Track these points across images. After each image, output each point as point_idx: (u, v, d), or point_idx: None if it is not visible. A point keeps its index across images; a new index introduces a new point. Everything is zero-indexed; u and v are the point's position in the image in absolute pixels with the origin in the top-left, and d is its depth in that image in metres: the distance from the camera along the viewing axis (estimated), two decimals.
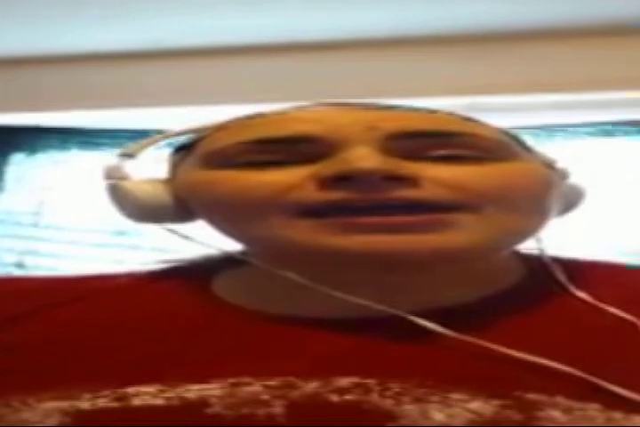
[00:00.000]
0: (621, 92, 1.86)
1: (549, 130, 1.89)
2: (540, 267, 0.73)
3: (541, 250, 0.74)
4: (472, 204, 0.63)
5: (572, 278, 0.71)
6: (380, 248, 0.61)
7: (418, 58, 1.99)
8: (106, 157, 2.09)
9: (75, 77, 2.20)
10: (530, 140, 0.76)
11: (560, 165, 0.76)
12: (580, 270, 0.73)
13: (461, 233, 0.63)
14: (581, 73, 1.87)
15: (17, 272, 2.19)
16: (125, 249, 2.14)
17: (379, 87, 1.95)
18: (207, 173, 0.67)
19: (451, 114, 0.70)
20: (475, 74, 1.93)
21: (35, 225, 2.22)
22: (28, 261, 2.20)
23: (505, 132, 0.71)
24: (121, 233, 2.15)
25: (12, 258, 2.22)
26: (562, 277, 0.71)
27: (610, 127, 1.89)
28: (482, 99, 1.91)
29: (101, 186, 0.72)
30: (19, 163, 2.27)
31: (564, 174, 0.75)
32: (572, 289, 0.69)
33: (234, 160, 0.66)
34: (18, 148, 2.27)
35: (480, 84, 1.92)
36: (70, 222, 2.20)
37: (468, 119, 0.70)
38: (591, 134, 1.91)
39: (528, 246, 0.73)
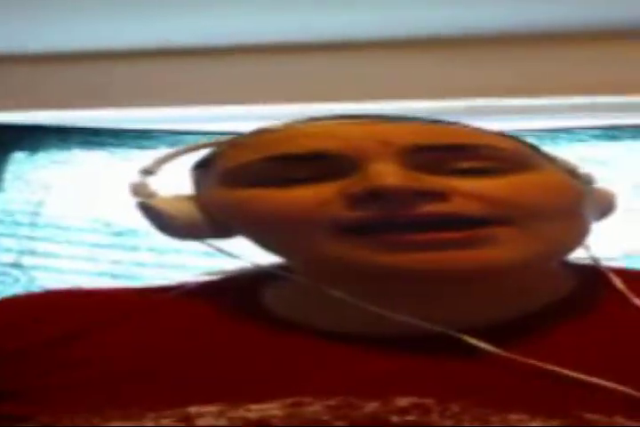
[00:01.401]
0: (627, 95, 1.85)
1: (553, 133, 1.88)
2: (592, 276, 0.72)
3: (594, 258, 0.73)
4: (505, 216, 0.63)
5: (629, 288, 0.70)
6: (429, 265, 0.62)
7: (419, 60, 2.00)
8: (107, 157, 2.07)
9: (77, 76, 2.20)
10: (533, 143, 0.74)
11: (582, 170, 0.74)
12: (635, 279, 0.72)
13: (504, 247, 0.63)
14: (585, 76, 1.86)
15: (14, 272, 2.17)
16: (123, 250, 2.12)
17: (377, 89, 1.95)
18: (235, 193, 0.68)
19: (463, 125, 0.70)
20: (476, 76, 1.93)
21: (33, 225, 2.20)
22: (26, 260, 2.18)
23: (521, 141, 0.70)
24: (118, 234, 2.13)
25: (10, 258, 2.19)
26: (620, 285, 0.70)
27: (615, 131, 1.87)
28: (483, 101, 1.90)
29: (130, 205, 0.74)
30: (19, 162, 2.25)
31: (589, 180, 0.74)
32: (632, 298, 0.68)
33: (254, 177, 0.67)
34: (18, 147, 2.25)
35: (481, 87, 1.91)
36: (69, 222, 2.17)
37: (483, 130, 0.69)
38: (596, 138, 1.89)
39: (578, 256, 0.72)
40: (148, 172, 0.74)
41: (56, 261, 2.15)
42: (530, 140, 0.74)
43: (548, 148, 1.82)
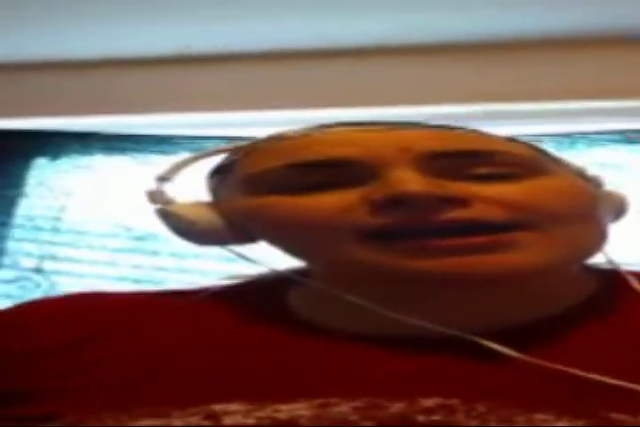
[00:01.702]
0: None
1: (572, 138, 1.87)
2: (612, 280, 0.73)
3: (612, 262, 0.74)
4: (526, 221, 0.64)
5: None
6: (456, 270, 0.62)
7: (434, 66, 2.00)
8: (129, 162, 2.08)
9: (99, 82, 2.22)
10: (552, 147, 0.74)
11: (591, 173, 0.75)
12: None
13: (527, 252, 0.63)
14: (603, 80, 1.85)
15: (36, 277, 2.19)
16: (144, 254, 2.13)
17: (391, 95, 1.96)
18: (256, 200, 0.69)
19: (475, 131, 0.71)
20: (492, 81, 1.92)
21: (54, 230, 2.22)
22: (47, 266, 2.19)
23: (531, 146, 0.71)
24: (139, 238, 2.14)
25: (31, 263, 2.21)
26: (637, 285, 0.70)
27: (633, 135, 1.87)
28: (500, 106, 1.90)
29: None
30: (41, 167, 2.27)
31: (598, 182, 0.75)
32: None
33: (274, 184, 0.68)
34: (41, 152, 2.27)
35: (498, 92, 1.91)
36: (90, 227, 2.19)
37: (494, 136, 0.71)
38: (615, 142, 1.89)
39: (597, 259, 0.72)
40: (164, 178, 0.75)
41: (77, 266, 2.16)
42: (548, 144, 0.75)
43: (567, 152, 1.82)
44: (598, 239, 0.69)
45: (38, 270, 2.19)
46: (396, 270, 0.64)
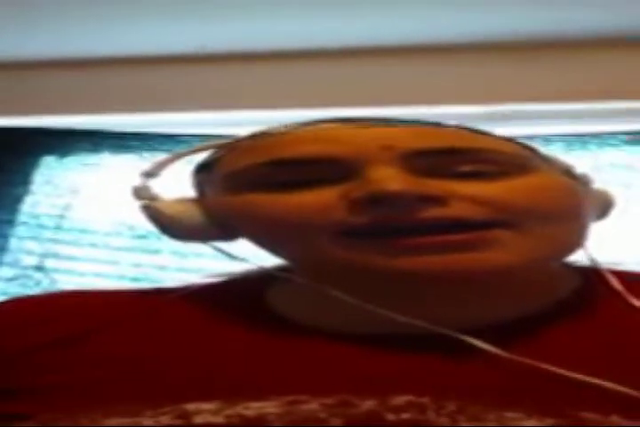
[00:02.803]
0: None
1: (583, 138, 1.85)
2: (593, 278, 0.72)
3: (593, 260, 0.74)
4: (506, 220, 0.64)
5: (627, 289, 0.70)
6: (433, 268, 0.63)
7: (440, 66, 2.00)
8: (137, 161, 2.07)
9: (109, 81, 2.23)
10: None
11: (579, 171, 0.75)
12: (635, 281, 0.72)
13: (506, 249, 0.63)
14: (614, 81, 1.85)
15: (36, 275, 2.17)
16: (145, 253, 2.12)
17: (402, 94, 1.95)
18: (238, 197, 0.69)
19: (462, 128, 0.71)
20: (502, 82, 1.93)
21: (58, 228, 2.21)
22: (48, 263, 2.18)
23: (519, 144, 0.71)
24: (141, 236, 2.13)
25: (33, 260, 2.19)
26: (618, 286, 0.70)
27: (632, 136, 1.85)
28: (510, 107, 1.90)
29: (135, 206, 0.75)
30: (49, 165, 2.27)
31: (586, 181, 0.74)
32: (630, 299, 0.68)
33: (256, 181, 0.68)
34: (48, 151, 2.27)
35: (508, 92, 1.91)
36: (93, 225, 2.18)
37: (482, 133, 0.70)
38: (627, 143, 1.86)
39: (577, 257, 0.72)
40: (149, 174, 0.75)
41: (78, 265, 2.15)
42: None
43: (578, 153, 1.80)
44: (579, 237, 0.69)
45: (39, 268, 2.18)
46: (370, 268, 0.64)
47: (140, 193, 0.75)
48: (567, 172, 0.73)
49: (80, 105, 2.23)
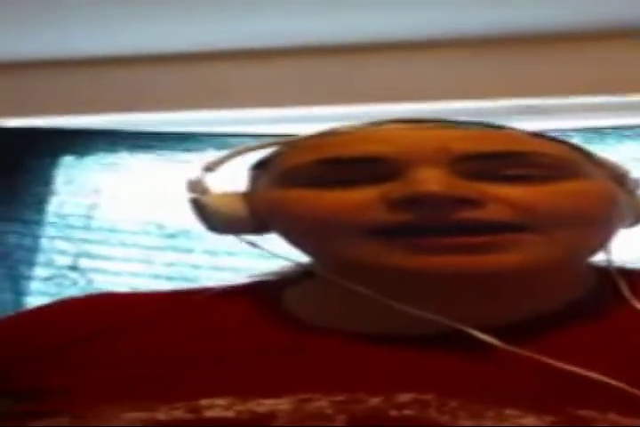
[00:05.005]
0: None
1: (601, 132, 1.85)
2: (609, 277, 0.74)
3: (609, 261, 0.75)
4: (536, 224, 0.65)
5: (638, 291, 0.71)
6: (441, 268, 0.64)
7: (462, 60, 1.97)
8: (155, 160, 2.07)
9: (125, 80, 2.21)
10: (581, 142, 0.74)
11: (631, 175, 0.75)
12: None
13: (521, 251, 0.65)
14: (633, 74, 1.83)
15: (72, 275, 2.21)
16: (177, 252, 2.15)
17: (438, 90, 1.94)
18: (281, 192, 0.71)
19: (518, 131, 0.72)
20: (520, 76, 1.91)
21: (87, 228, 2.23)
22: (82, 263, 2.21)
23: (573, 146, 0.72)
24: (172, 236, 2.15)
25: (67, 260, 2.23)
26: (625, 289, 0.71)
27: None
28: (528, 101, 1.89)
29: (185, 200, 0.77)
30: (68, 166, 2.27)
31: (635, 185, 0.75)
32: (635, 302, 0.70)
33: (305, 178, 0.69)
34: (68, 151, 2.27)
35: (526, 87, 1.89)
36: (121, 225, 2.20)
37: (536, 135, 0.71)
38: None
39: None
40: (208, 169, 0.77)
41: (111, 264, 2.18)
42: (577, 139, 0.74)
43: (597, 147, 1.79)
44: (600, 242, 0.71)
45: (74, 268, 2.21)
46: (390, 267, 0.66)
47: (193, 186, 0.76)
48: (618, 176, 0.73)
49: (97, 105, 2.22)
